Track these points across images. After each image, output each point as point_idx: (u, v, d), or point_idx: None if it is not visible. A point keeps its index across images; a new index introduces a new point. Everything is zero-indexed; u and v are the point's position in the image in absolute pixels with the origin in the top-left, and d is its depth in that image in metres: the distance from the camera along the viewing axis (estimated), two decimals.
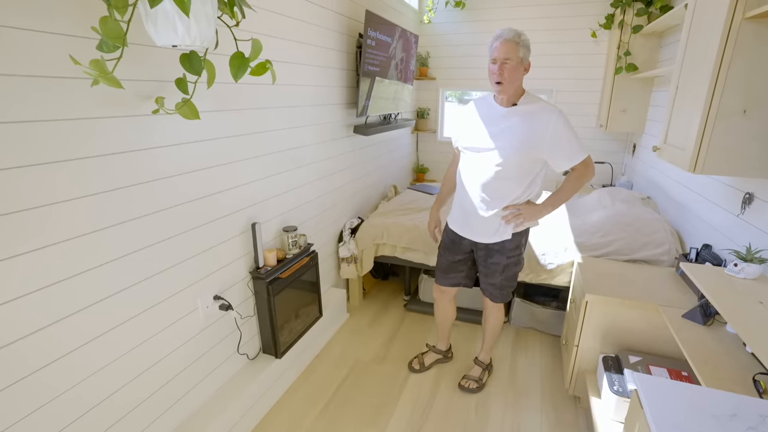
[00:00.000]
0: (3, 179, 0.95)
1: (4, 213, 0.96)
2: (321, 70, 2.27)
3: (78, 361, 1.17)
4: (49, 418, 1.11)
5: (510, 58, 1.56)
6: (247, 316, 1.87)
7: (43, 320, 1.07)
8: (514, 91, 1.65)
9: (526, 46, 1.58)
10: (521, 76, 1.62)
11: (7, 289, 0.98)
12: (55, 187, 1.06)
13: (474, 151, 1.73)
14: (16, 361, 1.02)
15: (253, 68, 1.20)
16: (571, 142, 1.62)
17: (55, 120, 1.04)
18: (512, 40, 1.55)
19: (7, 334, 1.00)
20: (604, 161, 3.79)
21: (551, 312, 2.53)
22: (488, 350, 2.18)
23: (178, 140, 1.41)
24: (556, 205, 1.76)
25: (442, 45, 4.06)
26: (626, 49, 3.04)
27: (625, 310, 1.78)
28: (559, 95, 3.80)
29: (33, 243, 1.02)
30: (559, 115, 1.61)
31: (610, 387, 1.60)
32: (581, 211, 2.96)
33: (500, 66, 1.58)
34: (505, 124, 1.66)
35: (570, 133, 1.62)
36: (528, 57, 1.61)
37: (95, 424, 1.24)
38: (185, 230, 1.48)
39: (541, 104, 1.65)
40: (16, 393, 1.03)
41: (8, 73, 0.94)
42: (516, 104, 1.66)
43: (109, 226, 1.21)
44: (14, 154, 0.97)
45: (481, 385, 2.09)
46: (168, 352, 1.47)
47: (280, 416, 1.91)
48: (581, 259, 2.21)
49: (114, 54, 1.01)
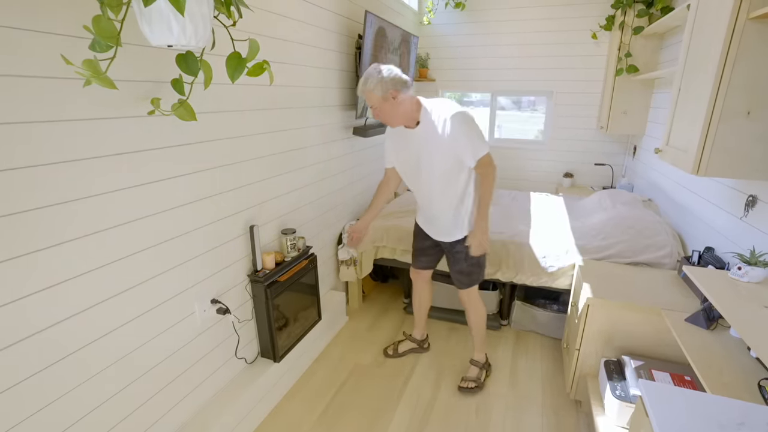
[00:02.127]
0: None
1: (3, 215, 0.94)
2: (320, 72, 2.25)
3: (73, 364, 1.14)
4: (43, 424, 1.09)
5: (373, 105, 1.69)
6: (245, 320, 1.85)
7: (39, 323, 1.05)
8: (406, 117, 1.74)
9: (378, 85, 1.63)
10: (397, 106, 1.69)
11: (3, 292, 0.96)
12: (48, 189, 1.04)
13: (409, 169, 1.91)
14: (14, 364, 1.00)
15: (251, 69, 1.18)
16: (469, 140, 1.71)
17: (50, 121, 1.02)
18: (364, 91, 1.67)
19: (6, 336, 0.98)
20: (604, 163, 3.78)
21: (552, 315, 2.51)
22: (480, 348, 2.19)
23: (175, 142, 1.39)
24: (486, 212, 1.86)
25: (442, 46, 4.05)
26: (627, 50, 3.03)
27: (627, 313, 1.76)
28: (559, 96, 3.79)
29: (27, 246, 1.00)
30: (452, 117, 1.69)
31: (613, 392, 1.58)
32: (581, 213, 2.94)
33: (372, 112, 1.72)
34: (418, 142, 1.78)
35: (466, 130, 1.70)
36: (389, 89, 1.64)
37: (91, 428, 1.21)
38: (182, 233, 1.46)
39: (437, 113, 1.72)
40: (12, 397, 1.00)
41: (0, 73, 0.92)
42: (419, 122, 1.75)
43: (104, 229, 1.19)
44: (11, 155, 0.95)
45: (480, 384, 2.10)
46: (165, 356, 1.45)
47: (278, 421, 1.88)
48: (582, 262, 2.19)
49: (107, 54, 0.99)
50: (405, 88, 1.68)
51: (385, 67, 1.65)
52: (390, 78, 1.64)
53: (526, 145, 4.14)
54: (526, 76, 3.85)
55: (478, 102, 4.62)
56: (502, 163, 4.17)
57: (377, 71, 1.64)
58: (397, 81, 1.66)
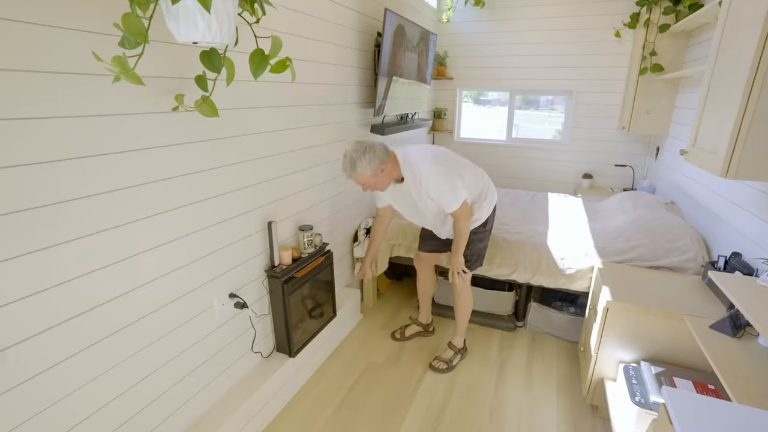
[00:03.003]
0: (26, 175, 0.96)
1: (21, 209, 0.97)
2: (339, 69, 2.26)
3: (93, 357, 1.17)
4: (60, 415, 1.12)
5: (363, 183, 1.77)
6: (262, 315, 1.87)
7: (59, 316, 1.08)
8: (393, 178, 1.86)
9: (366, 166, 1.69)
10: (386, 176, 1.80)
11: (20, 287, 0.99)
12: (74, 182, 1.07)
13: (405, 209, 2.08)
14: (42, 353, 1.03)
15: (273, 66, 1.19)
16: (442, 197, 1.86)
17: (78, 117, 1.05)
18: (353, 175, 1.73)
19: (26, 330, 1.01)
20: (625, 164, 3.70)
21: (569, 318, 2.47)
22: (460, 333, 2.30)
23: (196, 138, 1.41)
24: (460, 248, 2.00)
25: (461, 44, 4.01)
26: (652, 48, 2.96)
27: (648, 318, 1.72)
28: (579, 96, 3.72)
29: (51, 239, 1.03)
30: (425, 180, 1.83)
31: (632, 397, 1.55)
32: (601, 215, 2.89)
33: (363, 186, 1.81)
34: (408, 192, 1.93)
35: (439, 191, 1.84)
36: (376, 166, 1.71)
37: (110, 419, 1.24)
38: (202, 228, 1.48)
39: (412, 170, 1.84)
40: (40, 384, 1.04)
41: (34, 69, 0.94)
42: (403, 179, 1.89)
43: (127, 222, 1.21)
44: (42, 150, 0.97)
45: (450, 366, 2.23)
46: (183, 348, 1.48)
47: (292, 416, 1.90)
48: (602, 265, 2.15)
49: (135, 51, 1.01)
50: (387, 157, 1.76)
51: (363, 144, 1.71)
52: (376, 155, 1.71)
53: (545, 145, 4.08)
54: (546, 75, 3.79)
55: (494, 101, 4.57)
56: (519, 163, 4.14)
57: (361, 152, 1.69)
58: (382, 155, 1.73)
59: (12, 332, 0.98)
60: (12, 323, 0.97)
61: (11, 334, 0.97)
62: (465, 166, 2.01)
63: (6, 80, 0.90)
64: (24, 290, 0.99)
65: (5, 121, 0.91)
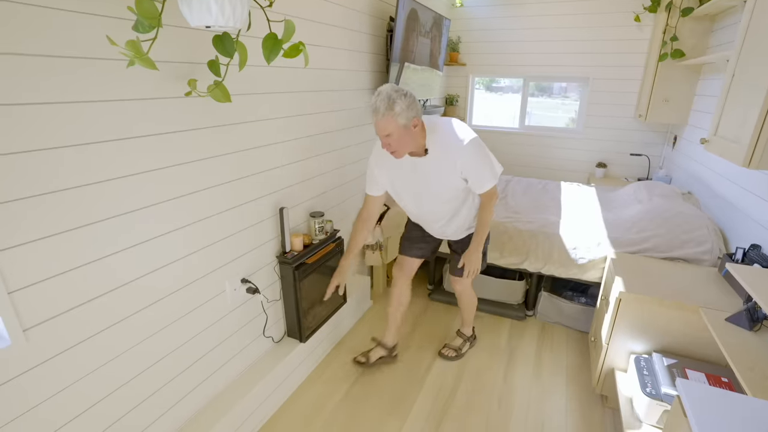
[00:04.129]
0: (40, 159, 0.97)
1: (39, 193, 0.98)
2: (351, 54, 2.23)
3: (110, 339, 1.20)
4: (78, 396, 1.15)
5: (390, 133, 1.45)
6: (273, 300, 1.89)
7: (77, 300, 1.10)
8: (418, 145, 1.57)
9: (404, 111, 1.42)
10: (415, 136, 1.52)
11: (41, 270, 1.01)
12: (90, 167, 1.07)
13: (407, 195, 1.76)
14: (52, 338, 1.05)
15: (286, 50, 1.18)
16: (480, 172, 1.62)
17: (92, 101, 1.05)
18: (386, 115, 1.42)
19: (45, 312, 1.03)
20: (641, 153, 3.62)
21: (580, 308, 2.46)
22: (468, 323, 2.27)
23: (210, 123, 1.41)
24: (482, 240, 1.80)
25: (474, 30, 3.93)
26: (673, 33, 2.86)
27: (661, 309, 1.70)
28: (595, 83, 3.63)
29: (68, 223, 1.05)
30: (466, 147, 1.56)
31: (643, 389, 1.54)
32: (615, 205, 2.84)
33: (384, 140, 1.48)
34: (425, 170, 1.63)
35: (480, 163, 1.60)
36: (411, 117, 1.45)
37: (127, 399, 1.28)
38: (215, 213, 1.49)
39: (446, 140, 1.57)
40: (62, 362, 1.07)
41: (48, 54, 0.94)
42: (427, 151, 1.59)
43: (140, 207, 1.22)
44: (55, 134, 0.98)
45: (459, 354, 2.22)
46: (197, 332, 1.50)
47: (302, 400, 1.93)
48: (615, 255, 2.13)
49: (149, 35, 1.01)
50: (421, 114, 1.52)
51: (403, 89, 1.46)
52: (415, 104, 1.45)
53: (558, 133, 4.01)
54: (561, 61, 3.71)
55: (506, 88, 4.49)
56: (532, 151, 4.08)
57: (402, 93, 1.43)
58: (419, 108, 1.48)
59: (32, 314, 1.00)
60: (31, 306, 0.99)
61: (32, 316, 1.00)
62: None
63: (26, 65, 0.90)
64: (43, 273, 1.01)
65: (21, 106, 0.92)
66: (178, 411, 1.47)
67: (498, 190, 3.17)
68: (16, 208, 0.93)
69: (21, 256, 0.96)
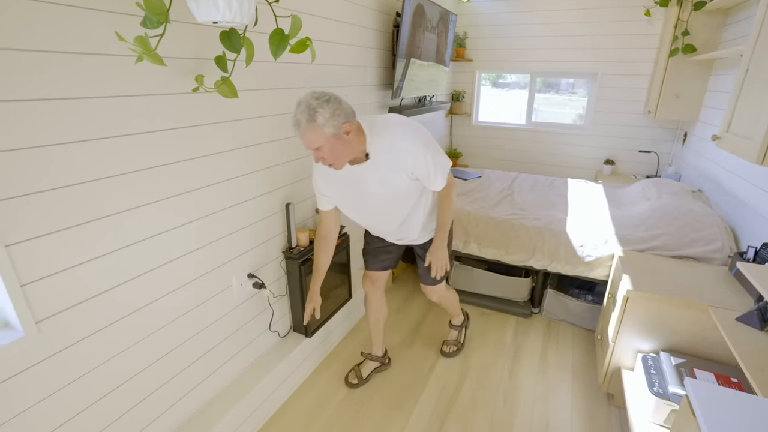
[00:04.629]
0: (52, 154, 0.97)
1: (51, 188, 0.99)
2: (356, 50, 2.22)
3: (119, 332, 1.21)
4: (87, 389, 1.16)
5: (320, 146, 1.27)
6: (279, 295, 1.90)
7: (87, 292, 1.11)
8: (355, 152, 1.38)
9: (330, 119, 1.23)
10: (349, 143, 1.32)
11: (53, 263, 1.02)
12: (98, 163, 1.08)
13: (353, 204, 1.60)
14: (63, 330, 1.07)
15: (293, 46, 1.18)
16: (428, 170, 1.46)
17: (100, 97, 1.05)
18: (309, 128, 1.24)
19: (59, 302, 1.04)
20: (650, 150, 3.58)
21: (586, 306, 2.44)
22: (457, 314, 2.22)
23: (216, 119, 1.41)
24: (446, 233, 1.66)
25: (481, 25, 3.90)
26: (684, 28, 2.81)
27: (669, 308, 1.68)
28: (604, 79, 3.59)
29: (78, 217, 1.05)
30: (407, 149, 1.40)
31: (650, 388, 1.53)
32: (622, 202, 2.82)
33: (316, 154, 1.31)
34: (368, 176, 1.46)
35: (426, 160, 1.43)
36: (340, 124, 1.25)
37: (135, 392, 1.29)
38: (222, 208, 1.50)
39: (389, 144, 1.40)
40: (77, 352, 1.08)
41: (55, 50, 0.95)
42: (368, 156, 1.41)
43: (150, 202, 1.23)
44: (64, 130, 0.99)
45: (460, 345, 2.23)
46: (204, 326, 1.51)
47: (308, 395, 1.94)
48: (622, 253, 2.11)
49: (157, 31, 1.01)
50: (354, 117, 1.32)
51: (327, 93, 1.26)
52: (342, 109, 1.25)
53: (565, 129, 3.97)
54: (569, 57, 3.67)
55: (513, 84, 4.46)
56: (539, 148, 4.05)
57: (324, 100, 1.23)
58: (349, 111, 1.28)
59: (44, 307, 1.01)
60: (43, 298, 1.00)
61: (44, 309, 1.01)
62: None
63: (34, 61, 0.91)
64: (53, 267, 1.02)
65: (31, 102, 0.92)
66: (185, 404, 1.49)
67: (506, 185, 3.17)
68: (28, 202, 0.94)
69: (34, 249, 0.97)
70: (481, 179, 3.37)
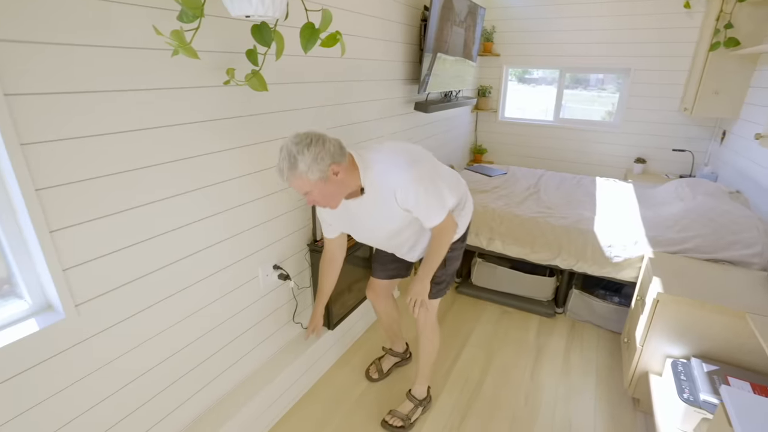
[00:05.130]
0: (92, 144, 1.01)
1: (91, 177, 1.03)
2: (384, 44, 2.21)
3: (150, 319, 1.25)
4: (119, 373, 1.21)
5: (308, 191, 1.22)
6: (303, 287, 1.93)
7: (121, 279, 1.15)
8: (349, 189, 1.31)
9: (312, 164, 1.16)
10: (341, 184, 1.25)
11: (92, 249, 1.07)
12: (134, 153, 1.12)
13: (355, 229, 1.55)
14: (100, 314, 1.11)
15: (324, 39, 1.18)
16: (421, 207, 1.35)
17: (137, 90, 1.09)
18: (291, 177, 1.18)
19: (96, 288, 1.09)
20: (684, 149, 3.44)
21: (612, 307, 2.38)
22: (424, 379, 1.79)
23: (246, 112, 1.43)
24: (431, 270, 1.49)
25: (510, 19, 3.82)
26: (728, 20, 2.68)
27: (702, 313, 1.62)
28: (637, 74, 3.46)
29: (114, 206, 1.10)
30: (400, 185, 1.29)
31: (680, 394, 1.48)
32: (654, 202, 2.72)
33: (307, 198, 1.26)
34: (365, 209, 1.39)
35: (419, 197, 1.32)
36: (326, 168, 1.18)
37: (163, 375, 1.34)
38: (249, 200, 1.53)
39: (382, 180, 1.31)
40: (114, 335, 1.13)
41: (96, 44, 0.98)
42: (363, 191, 1.34)
43: (181, 193, 1.26)
44: (104, 121, 1.03)
45: (407, 425, 1.72)
46: (230, 315, 1.55)
47: (328, 387, 1.97)
48: (653, 254, 2.04)
49: (192, 25, 1.03)
50: (342, 156, 1.23)
51: (309, 135, 1.18)
52: (326, 150, 1.18)
53: (595, 126, 3.86)
54: (601, 51, 3.55)
55: (540, 79, 4.35)
56: (567, 146, 3.95)
57: (304, 144, 1.16)
58: (334, 151, 1.20)
59: (83, 291, 1.06)
60: (82, 283, 1.05)
61: (83, 293, 1.06)
62: (442, 167, 1.53)
63: (84, 55, 0.95)
64: (92, 253, 1.06)
65: (76, 95, 0.96)
66: (212, 389, 1.53)
67: (532, 182, 3.10)
68: (71, 190, 0.99)
69: (74, 235, 1.01)
70: (506, 176, 3.32)
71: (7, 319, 0.98)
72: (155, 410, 1.33)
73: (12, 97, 0.86)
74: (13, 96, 0.86)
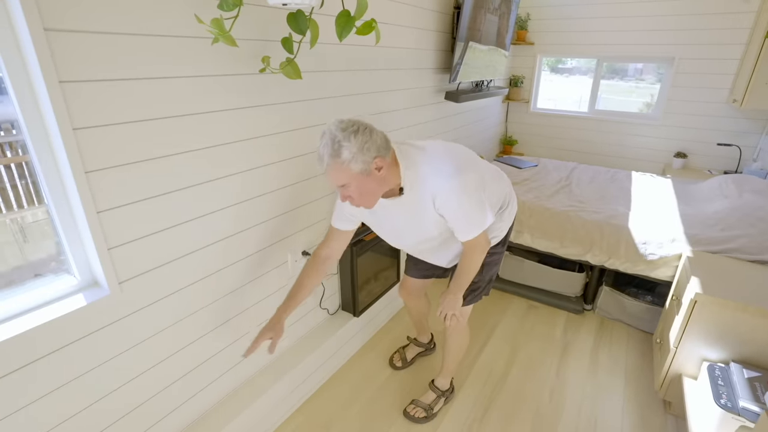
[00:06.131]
0: (134, 130, 1.05)
1: (125, 163, 1.07)
2: (415, 32, 2.18)
3: (183, 298, 1.30)
4: (157, 349, 1.27)
5: (346, 183, 1.12)
6: (330, 274, 1.96)
7: (160, 259, 1.20)
8: (388, 187, 1.22)
9: (357, 154, 1.07)
10: (381, 180, 1.16)
11: (131, 231, 1.12)
12: (172, 139, 1.15)
13: (385, 231, 1.47)
14: (141, 292, 1.17)
15: (359, 27, 1.18)
16: (458, 219, 1.27)
17: (176, 77, 1.12)
18: (332, 165, 1.08)
19: (138, 266, 1.14)
20: (730, 143, 3.26)
21: (645, 307, 2.30)
22: (448, 372, 1.80)
23: (279, 100, 1.45)
24: (463, 286, 1.42)
25: (545, 5, 3.69)
26: None
27: (744, 316, 1.55)
28: (681, 64, 3.29)
29: (154, 190, 1.14)
30: (441, 190, 1.20)
31: (716, 399, 1.43)
32: (694, 199, 2.60)
33: (341, 192, 1.16)
34: (401, 211, 1.30)
35: (458, 208, 1.23)
36: (371, 160, 1.09)
37: (193, 355, 1.40)
38: (280, 187, 1.55)
39: (424, 184, 1.22)
40: (152, 313, 1.19)
41: (136, 32, 1.01)
42: (402, 191, 1.25)
43: (217, 178, 1.30)
44: (146, 109, 1.06)
45: (430, 414, 1.74)
46: (260, 298, 1.60)
47: (351, 373, 2.01)
48: (692, 253, 1.96)
49: (231, 13, 1.05)
50: (387, 150, 1.14)
51: (355, 123, 1.09)
52: (373, 141, 1.09)
53: (632, 118, 3.70)
54: (643, 39, 3.38)
55: (574, 69, 4.19)
56: (601, 138, 3.82)
57: (351, 131, 1.07)
58: (381, 143, 1.11)
59: (126, 269, 1.11)
60: (125, 261, 1.11)
61: (126, 271, 1.11)
62: (487, 170, 1.42)
63: (129, 43, 0.98)
64: (134, 233, 1.11)
65: (122, 82, 1.00)
66: (240, 369, 1.59)
67: (563, 175, 3.02)
68: (116, 174, 1.03)
69: (118, 216, 1.06)
70: (537, 168, 3.24)
71: (60, 292, 1.04)
72: (189, 386, 1.39)
73: (66, 84, 0.90)
74: (66, 83, 0.90)
